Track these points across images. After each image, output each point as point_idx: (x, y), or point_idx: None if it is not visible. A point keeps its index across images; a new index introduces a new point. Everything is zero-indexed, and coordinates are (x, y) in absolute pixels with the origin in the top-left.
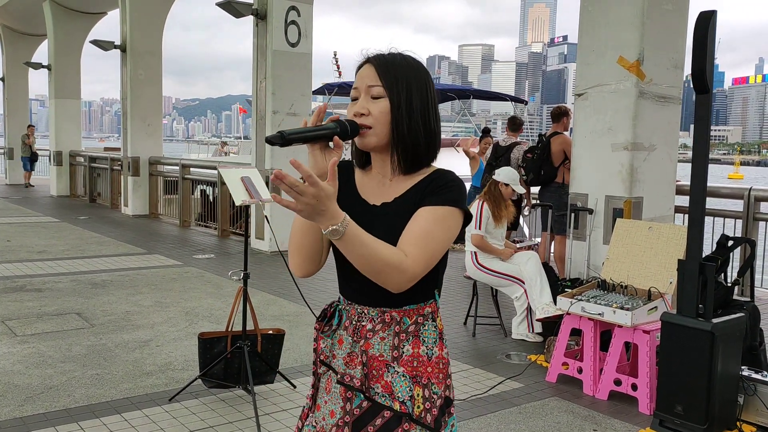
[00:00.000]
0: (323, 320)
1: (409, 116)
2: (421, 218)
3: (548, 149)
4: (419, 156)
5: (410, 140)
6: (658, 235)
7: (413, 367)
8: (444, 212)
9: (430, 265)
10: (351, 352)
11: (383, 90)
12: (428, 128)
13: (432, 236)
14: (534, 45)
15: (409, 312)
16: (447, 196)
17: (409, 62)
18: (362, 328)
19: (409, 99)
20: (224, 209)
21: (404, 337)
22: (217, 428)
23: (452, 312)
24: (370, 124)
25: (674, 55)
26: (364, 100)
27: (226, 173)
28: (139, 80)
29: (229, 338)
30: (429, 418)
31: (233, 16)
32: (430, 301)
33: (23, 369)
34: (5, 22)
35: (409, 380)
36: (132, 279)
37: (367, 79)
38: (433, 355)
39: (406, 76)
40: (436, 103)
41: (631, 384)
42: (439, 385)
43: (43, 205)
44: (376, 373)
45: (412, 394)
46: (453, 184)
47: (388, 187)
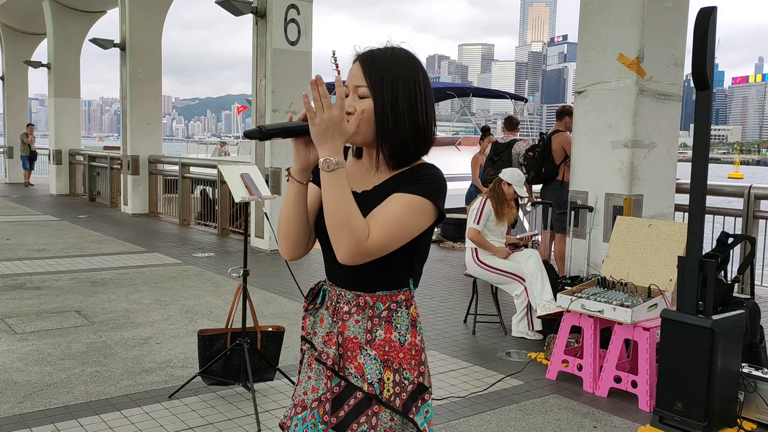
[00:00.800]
0: (309, 299)
1: (394, 115)
2: (391, 202)
3: (549, 147)
4: (407, 153)
5: (396, 138)
6: (658, 233)
7: (385, 351)
8: (414, 200)
9: (387, 247)
10: (329, 331)
11: (368, 90)
12: (416, 125)
13: (395, 220)
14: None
15: (383, 297)
16: (421, 187)
17: (399, 58)
18: (340, 309)
19: (394, 98)
20: (224, 208)
21: (377, 321)
22: (216, 425)
23: (452, 310)
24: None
25: (674, 53)
26: (352, 99)
27: (226, 170)
28: (139, 79)
29: (229, 335)
30: (398, 402)
31: (233, 14)
32: (404, 289)
33: (23, 366)
34: (5, 20)
35: (380, 363)
36: (131, 277)
37: (355, 78)
38: (406, 341)
39: (392, 74)
40: (427, 99)
41: (631, 381)
42: (411, 371)
43: (43, 204)
44: (351, 354)
45: (381, 377)
46: (431, 177)
47: (373, 176)
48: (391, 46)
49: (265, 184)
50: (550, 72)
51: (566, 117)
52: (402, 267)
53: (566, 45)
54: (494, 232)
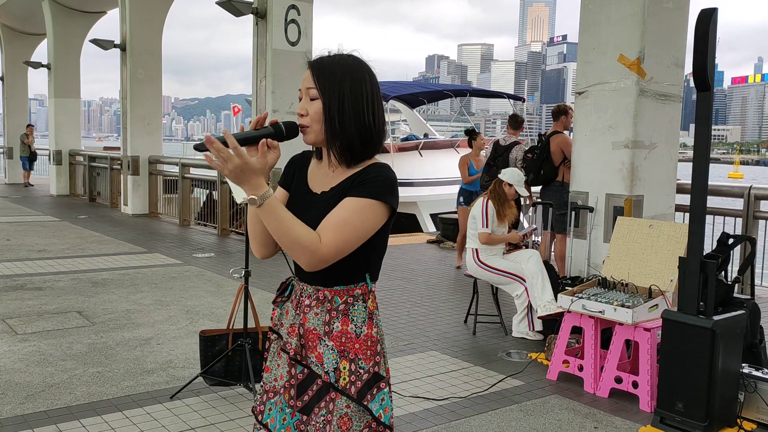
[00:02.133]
0: (279, 292)
1: (340, 115)
2: (341, 207)
3: (548, 149)
4: (354, 151)
5: (343, 137)
6: (658, 233)
7: (341, 342)
8: (364, 203)
9: (342, 251)
10: (293, 323)
11: (317, 92)
12: (362, 124)
13: (348, 224)
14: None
15: (340, 292)
16: (370, 189)
17: (346, 62)
18: (302, 302)
19: (341, 99)
20: (224, 208)
21: (335, 314)
22: (218, 425)
23: (452, 310)
24: (307, 124)
25: (675, 54)
26: (304, 102)
27: None
28: (139, 79)
29: (230, 336)
30: (353, 389)
31: (233, 14)
32: (360, 283)
33: (24, 367)
34: (5, 21)
35: (336, 353)
36: (132, 278)
37: (306, 82)
38: (362, 333)
39: (340, 78)
40: (374, 100)
41: (632, 381)
42: (366, 361)
43: (43, 205)
44: (311, 344)
45: (337, 366)
46: (379, 178)
47: (331, 177)
48: (340, 52)
49: None
50: (549, 72)
51: (562, 116)
52: (357, 263)
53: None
54: (496, 232)
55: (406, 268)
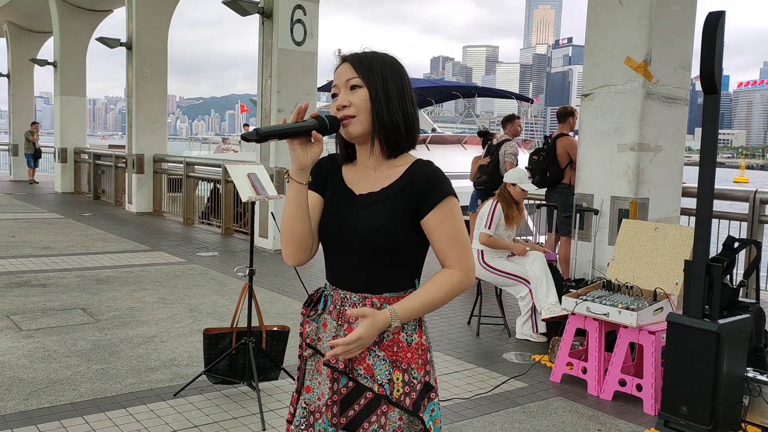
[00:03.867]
0: (309, 305)
1: (387, 102)
2: (437, 226)
3: (554, 151)
4: (400, 141)
5: (391, 125)
6: (664, 236)
7: (393, 352)
8: (449, 206)
9: (471, 255)
10: (336, 335)
11: (361, 80)
12: (407, 114)
13: (456, 234)
14: (538, 47)
15: (389, 299)
16: (442, 189)
17: (382, 57)
18: (346, 312)
19: (385, 86)
20: (228, 207)
21: None
22: (221, 423)
23: (456, 311)
24: (353, 114)
25: (681, 56)
26: (344, 93)
27: (233, 170)
28: (145, 78)
29: (234, 334)
30: (408, 401)
31: (239, 14)
32: (409, 289)
33: (28, 363)
34: (11, 18)
35: (388, 364)
36: (136, 276)
37: (345, 75)
38: (413, 341)
39: (380, 67)
40: (412, 94)
41: (636, 384)
42: (419, 370)
43: (48, 202)
44: (360, 355)
45: (391, 378)
46: (438, 174)
47: (373, 178)
48: (372, 50)
49: (271, 184)
50: (554, 74)
51: (568, 118)
52: (408, 268)
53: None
54: (502, 236)
55: None
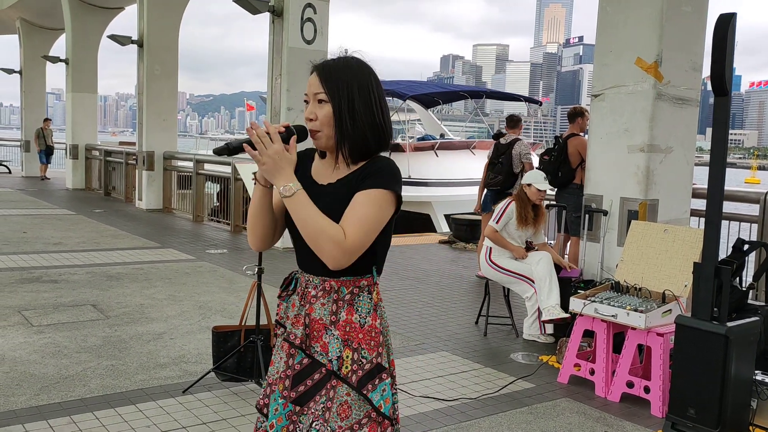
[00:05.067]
0: (283, 287)
1: (352, 116)
2: (356, 202)
3: (565, 151)
4: (369, 149)
5: (355, 137)
6: (673, 238)
7: (346, 331)
8: (377, 194)
9: (366, 242)
10: (298, 314)
11: (326, 95)
12: (374, 124)
13: (368, 217)
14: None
15: (346, 282)
16: (379, 180)
17: (351, 65)
18: (308, 294)
19: (350, 100)
20: (237, 205)
21: (341, 304)
22: (229, 421)
23: (464, 311)
24: (317, 128)
25: (692, 57)
26: (312, 106)
27: (242, 168)
28: (155, 75)
29: (243, 332)
30: (354, 378)
31: (250, 12)
32: (366, 275)
33: (39, 359)
34: (24, 15)
35: (340, 342)
36: (146, 272)
37: (313, 87)
38: (366, 323)
39: (347, 80)
40: (381, 99)
41: (644, 386)
42: (370, 351)
43: (59, 198)
44: (317, 334)
45: (341, 355)
46: (385, 169)
47: (336, 170)
48: (344, 55)
49: None
50: (564, 74)
51: (578, 118)
52: (365, 255)
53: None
54: (513, 236)
55: (417, 268)
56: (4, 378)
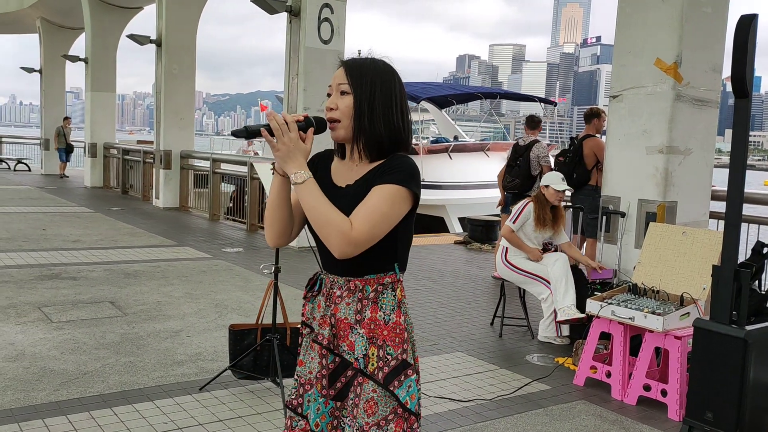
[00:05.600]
0: (308, 288)
1: (370, 111)
2: (370, 195)
3: (580, 152)
4: (382, 148)
5: (371, 132)
6: (692, 241)
7: (371, 329)
8: (390, 189)
9: (373, 235)
10: (324, 315)
11: (349, 87)
12: (390, 124)
13: (377, 210)
14: (566, 45)
15: (370, 281)
16: (395, 176)
17: (377, 65)
18: (333, 294)
19: (371, 96)
20: (253, 204)
21: (366, 303)
22: (245, 418)
23: (479, 312)
24: (338, 118)
25: (712, 58)
26: (334, 97)
27: (259, 167)
28: (173, 75)
29: (259, 331)
30: (380, 375)
31: (267, 12)
32: (390, 272)
33: (59, 354)
34: (44, 15)
35: (366, 340)
36: (163, 270)
37: (338, 78)
38: (390, 320)
39: (371, 76)
40: (403, 104)
41: (661, 390)
42: (395, 348)
43: (78, 196)
44: (343, 333)
45: (366, 353)
46: (402, 166)
47: (355, 171)
48: (372, 56)
49: None
50: (582, 74)
51: (594, 119)
52: (386, 253)
53: (599, 46)
54: (530, 237)
55: (433, 268)
56: (24, 373)
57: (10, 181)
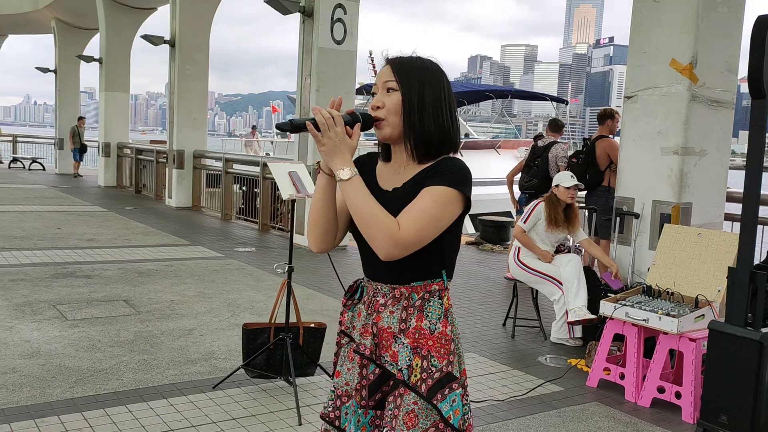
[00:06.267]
0: (348, 295)
1: (420, 109)
2: (420, 196)
3: (593, 153)
4: (432, 148)
5: (421, 131)
6: (707, 242)
7: (415, 339)
8: (441, 191)
9: (422, 237)
10: (365, 323)
11: (396, 84)
12: (439, 123)
13: (426, 212)
14: (579, 46)
15: (417, 288)
16: (446, 178)
17: (425, 63)
18: (376, 302)
19: (420, 93)
20: (266, 204)
21: (411, 311)
22: (258, 417)
23: (491, 313)
24: (383, 116)
25: (728, 59)
26: (380, 95)
27: (274, 168)
28: (187, 75)
29: (272, 330)
30: (423, 387)
31: (280, 12)
32: (437, 279)
33: (73, 352)
34: (59, 15)
35: (410, 350)
36: (176, 269)
37: (384, 76)
38: (436, 330)
39: (419, 74)
40: (451, 104)
41: (675, 392)
42: (440, 359)
43: (91, 195)
44: (385, 343)
45: (410, 364)
46: (455, 167)
47: (401, 174)
48: (418, 55)
49: (311, 182)
50: (594, 74)
51: (608, 120)
52: (434, 258)
53: (612, 47)
54: (542, 237)
55: None
56: (40, 370)
57: (25, 181)
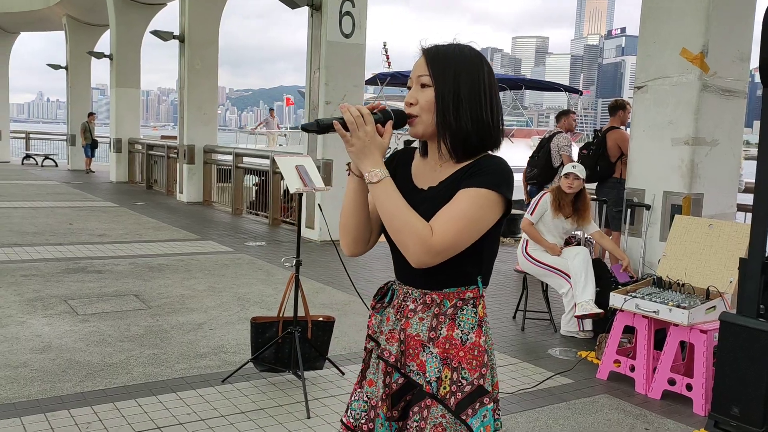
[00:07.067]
0: (377, 298)
1: (455, 106)
2: (456, 199)
3: (604, 145)
4: (470, 145)
5: (458, 129)
6: (719, 233)
7: (445, 349)
8: (479, 193)
9: (457, 243)
10: (392, 329)
11: (430, 78)
12: (477, 118)
13: (463, 215)
14: (590, 37)
15: (449, 295)
16: (485, 179)
17: (463, 53)
18: (405, 307)
19: (456, 88)
20: (275, 198)
21: (442, 319)
22: (267, 410)
23: (501, 305)
24: (416, 113)
25: (740, 47)
26: (414, 90)
27: (281, 161)
28: (196, 70)
29: (281, 324)
30: (453, 400)
31: (289, 7)
32: (472, 286)
33: (84, 346)
34: (70, 12)
35: (439, 361)
36: (186, 264)
37: (418, 69)
38: (468, 340)
39: (455, 66)
40: (493, 94)
41: (686, 384)
42: (471, 371)
43: (103, 191)
44: (413, 351)
45: (440, 375)
46: (495, 167)
47: (438, 172)
48: (457, 42)
49: (319, 176)
50: (606, 66)
51: (619, 111)
52: (470, 264)
53: (624, 38)
54: (549, 227)
55: None
56: (50, 364)
57: (37, 177)
